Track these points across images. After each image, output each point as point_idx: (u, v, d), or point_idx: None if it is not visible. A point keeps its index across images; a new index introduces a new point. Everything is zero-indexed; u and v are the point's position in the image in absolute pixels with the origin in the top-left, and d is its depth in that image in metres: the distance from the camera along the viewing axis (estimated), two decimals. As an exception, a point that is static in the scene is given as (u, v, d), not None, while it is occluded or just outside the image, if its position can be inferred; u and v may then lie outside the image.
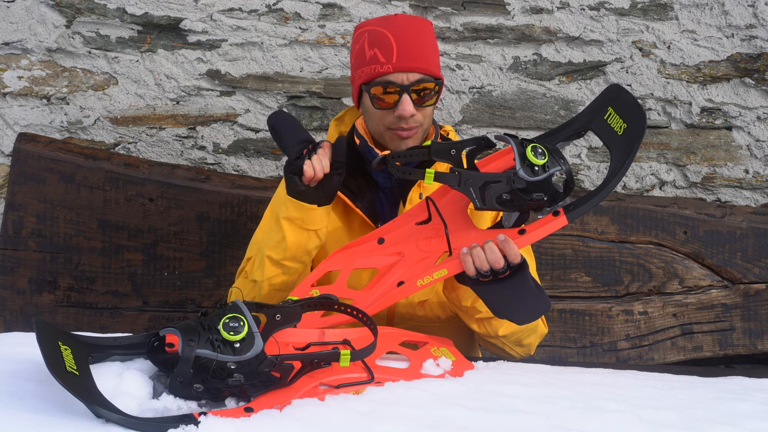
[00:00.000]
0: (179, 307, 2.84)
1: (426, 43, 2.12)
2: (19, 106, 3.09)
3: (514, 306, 1.89)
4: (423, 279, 1.87)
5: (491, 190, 1.84)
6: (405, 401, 1.58)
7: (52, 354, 1.45)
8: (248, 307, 1.57)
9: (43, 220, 2.83)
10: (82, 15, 3.03)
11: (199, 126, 3.10)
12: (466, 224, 1.94)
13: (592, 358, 2.85)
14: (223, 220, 2.83)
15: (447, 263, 1.87)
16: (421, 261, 1.92)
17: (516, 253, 1.82)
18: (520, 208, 1.86)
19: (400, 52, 2.07)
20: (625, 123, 1.86)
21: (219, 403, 1.54)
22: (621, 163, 1.83)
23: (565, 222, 1.85)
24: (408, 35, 2.10)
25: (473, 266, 1.83)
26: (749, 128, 3.08)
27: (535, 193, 1.82)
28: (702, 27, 3.03)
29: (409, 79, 2.07)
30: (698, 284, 2.87)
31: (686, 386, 1.82)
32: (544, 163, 1.82)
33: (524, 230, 1.86)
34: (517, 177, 1.81)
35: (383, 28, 2.12)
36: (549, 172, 1.81)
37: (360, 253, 2.00)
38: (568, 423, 1.51)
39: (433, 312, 2.17)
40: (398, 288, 1.88)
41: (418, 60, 2.08)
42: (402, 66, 2.08)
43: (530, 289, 1.87)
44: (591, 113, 1.96)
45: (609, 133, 1.89)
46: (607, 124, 1.90)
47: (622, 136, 1.86)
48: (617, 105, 1.90)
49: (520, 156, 1.82)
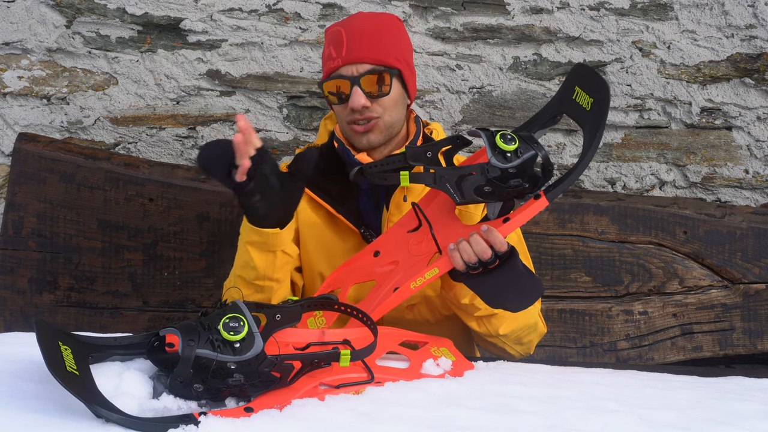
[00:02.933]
0: (179, 307, 2.84)
1: (383, 34, 2.10)
2: (19, 106, 3.09)
3: (507, 294, 1.90)
4: (416, 281, 1.89)
5: (468, 182, 1.85)
6: (405, 401, 1.58)
7: (52, 354, 1.44)
8: (248, 307, 1.57)
9: (43, 220, 2.83)
10: (82, 15, 3.03)
11: (199, 126, 3.10)
12: (453, 222, 1.95)
13: (592, 358, 2.85)
14: (223, 220, 2.83)
15: (437, 262, 1.89)
16: (413, 265, 1.93)
17: (501, 241, 1.82)
18: (501, 197, 1.87)
19: (349, 45, 2.06)
20: (591, 98, 1.87)
21: (219, 403, 1.54)
22: (593, 135, 1.84)
23: (546, 203, 1.85)
24: (361, 29, 2.09)
25: (461, 260, 1.83)
26: (749, 128, 3.08)
27: (512, 179, 1.82)
28: (702, 27, 3.03)
29: (358, 71, 2.06)
30: (698, 284, 2.87)
31: (686, 386, 1.82)
32: (516, 148, 1.82)
33: (508, 218, 1.87)
34: (490, 165, 1.81)
35: (341, 26, 2.12)
36: (523, 158, 1.81)
37: (357, 268, 2.02)
38: (568, 423, 1.51)
39: (422, 315, 2.16)
40: (394, 293, 1.90)
41: (368, 51, 2.07)
42: (350, 58, 2.06)
43: (521, 275, 1.88)
44: (560, 97, 1.98)
45: (579, 112, 1.91)
46: (577, 103, 1.91)
47: (590, 111, 1.87)
48: (583, 83, 1.91)
49: (490, 145, 1.82)
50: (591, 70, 1.95)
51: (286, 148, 3.11)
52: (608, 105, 1.84)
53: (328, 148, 2.21)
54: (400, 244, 1.99)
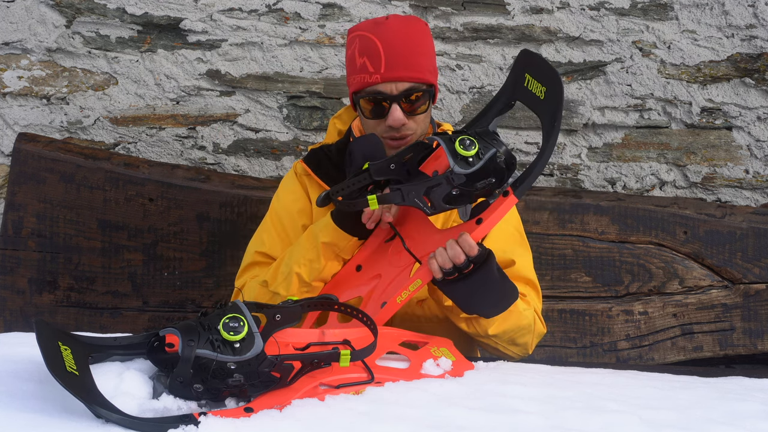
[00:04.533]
0: (179, 307, 2.84)
1: (418, 47, 2.09)
2: (19, 106, 3.09)
3: (478, 300, 1.90)
4: (401, 295, 1.90)
5: (435, 193, 1.84)
6: (405, 401, 1.58)
7: (52, 354, 1.44)
8: (248, 307, 1.57)
9: (43, 220, 2.83)
10: (82, 15, 3.03)
11: (199, 126, 3.10)
12: (428, 230, 1.95)
13: (592, 358, 2.85)
14: (223, 220, 2.83)
15: (419, 273, 1.90)
16: (396, 277, 1.94)
17: (471, 245, 1.82)
18: (471, 199, 1.87)
19: (388, 61, 2.05)
20: (543, 86, 1.86)
21: (219, 403, 1.54)
22: (551, 126, 1.83)
23: (515, 200, 1.85)
24: (397, 42, 2.07)
25: (438, 267, 1.84)
26: (749, 128, 3.08)
27: (479, 181, 1.82)
28: (702, 27, 3.03)
29: (398, 89, 2.06)
30: (698, 284, 2.87)
31: (686, 386, 1.82)
32: (477, 151, 1.81)
33: (481, 219, 1.87)
34: (454, 174, 1.81)
35: (373, 34, 2.08)
36: (484, 159, 1.81)
37: (343, 286, 2.01)
38: (568, 423, 1.51)
39: (431, 311, 2.16)
40: (382, 309, 1.90)
41: (407, 68, 2.06)
42: (390, 76, 2.05)
43: (493, 281, 1.88)
44: (511, 84, 1.96)
45: (533, 100, 1.89)
46: (529, 91, 1.89)
47: (544, 100, 1.85)
48: (532, 70, 1.90)
49: (451, 153, 1.81)
50: (539, 57, 1.94)
51: (286, 148, 3.11)
52: (562, 93, 1.83)
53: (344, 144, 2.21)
54: (380, 256, 1.99)
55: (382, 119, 2.08)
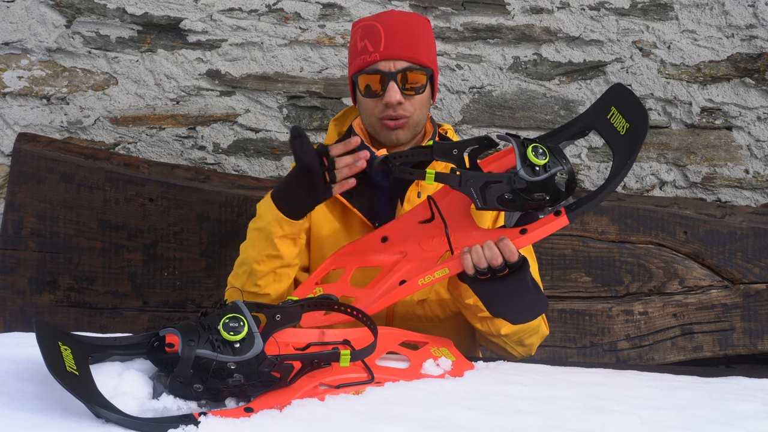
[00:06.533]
0: (179, 307, 2.84)
1: (418, 34, 2.13)
2: (19, 106, 3.09)
3: (510, 305, 1.91)
4: (424, 278, 1.87)
5: (492, 190, 1.84)
6: (405, 401, 1.58)
7: (52, 354, 1.44)
8: (248, 307, 1.57)
9: (43, 220, 2.83)
10: (82, 15, 3.03)
11: (199, 126, 3.10)
12: (468, 224, 1.94)
13: (592, 358, 2.85)
14: (223, 220, 2.83)
15: (448, 262, 1.88)
16: (423, 260, 1.92)
17: (512, 250, 1.83)
18: (522, 207, 1.87)
19: (387, 41, 2.09)
20: (627, 123, 1.86)
21: (219, 403, 1.54)
22: (623, 163, 1.83)
23: (566, 222, 1.85)
24: (398, 26, 2.12)
25: (472, 264, 1.83)
26: (749, 128, 3.08)
27: (536, 193, 1.82)
28: (702, 27, 3.03)
29: (395, 67, 2.08)
30: (698, 284, 2.87)
31: (686, 386, 1.82)
32: (545, 163, 1.82)
33: (526, 230, 1.86)
34: (518, 177, 1.80)
35: (375, 21, 2.14)
36: (550, 172, 1.81)
37: (363, 251, 2.00)
38: (568, 423, 1.51)
39: (432, 311, 2.17)
40: (400, 286, 1.88)
41: (406, 48, 2.09)
42: (389, 54, 2.08)
43: (527, 289, 1.88)
44: (594, 113, 1.96)
45: (612, 133, 1.89)
46: (610, 124, 1.90)
47: (624, 135, 1.86)
48: (620, 104, 1.90)
49: (521, 156, 1.82)
50: (632, 94, 1.93)
51: (286, 148, 3.10)
52: (645, 134, 1.83)
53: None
54: (411, 234, 1.98)
55: (379, 99, 2.10)
